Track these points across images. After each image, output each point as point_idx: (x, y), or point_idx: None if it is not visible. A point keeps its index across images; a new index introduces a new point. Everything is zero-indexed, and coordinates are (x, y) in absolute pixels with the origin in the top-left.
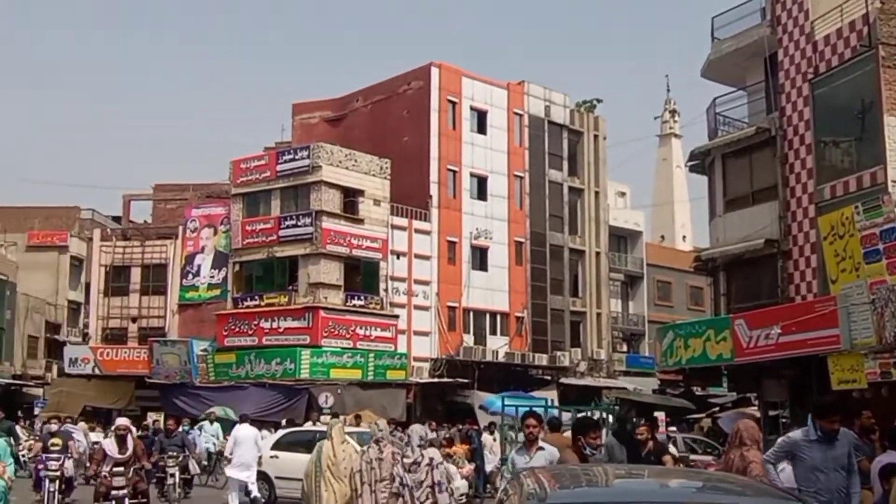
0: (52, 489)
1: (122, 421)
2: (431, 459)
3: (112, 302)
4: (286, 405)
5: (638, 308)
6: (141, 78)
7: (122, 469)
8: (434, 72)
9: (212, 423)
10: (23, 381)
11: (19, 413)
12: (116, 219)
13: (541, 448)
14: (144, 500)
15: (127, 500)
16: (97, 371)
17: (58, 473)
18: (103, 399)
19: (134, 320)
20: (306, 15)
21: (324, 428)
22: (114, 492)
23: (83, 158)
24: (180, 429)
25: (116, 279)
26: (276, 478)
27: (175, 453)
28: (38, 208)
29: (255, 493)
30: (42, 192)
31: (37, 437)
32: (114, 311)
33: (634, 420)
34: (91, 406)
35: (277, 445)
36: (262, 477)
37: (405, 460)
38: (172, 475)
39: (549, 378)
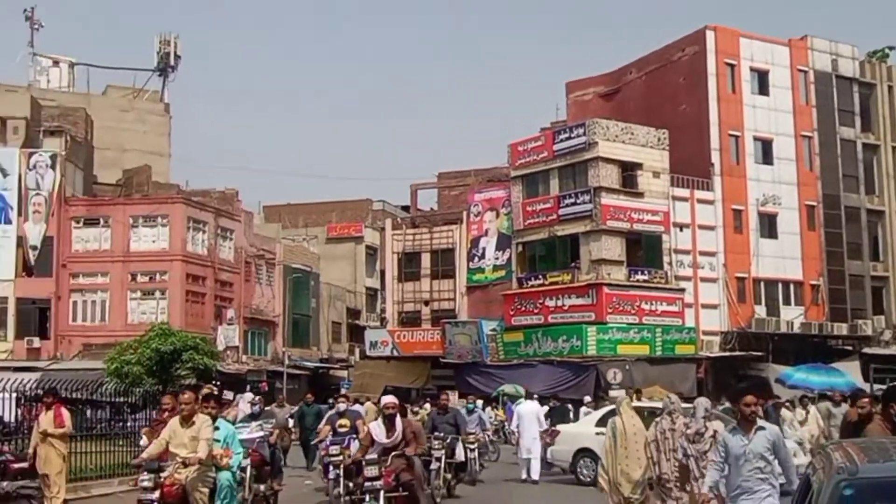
0: (332, 475)
1: (388, 399)
2: (715, 432)
3: (405, 287)
4: (574, 382)
5: None
6: (419, 69)
7: (374, 458)
8: (709, 35)
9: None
10: (329, 364)
11: (337, 396)
12: (405, 208)
13: (761, 428)
14: (405, 493)
15: (382, 494)
16: (395, 353)
17: (341, 458)
18: (402, 379)
19: (426, 303)
20: None
21: (652, 404)
22: (367, 483)
23: (372, 152)
24: (462, 406)
25: (408, 265)
26: None
27: (443, 434)
28: (334, 203)
29: (534, 473)
30: (337, 187)
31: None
32: (407, 295)
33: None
34: (392, 386)
35: (603, 422)
36: (589, 454)
37: (688, 431)
38: (438, 459)
39: (849, 348)
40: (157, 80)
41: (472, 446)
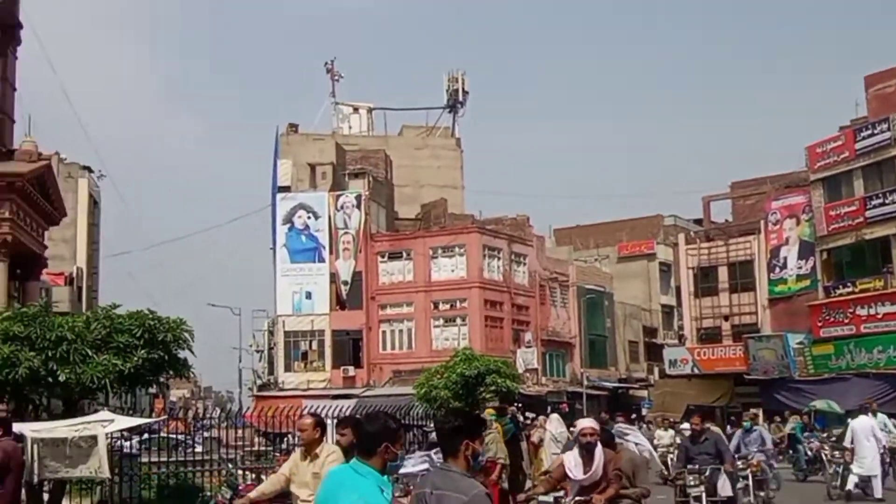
0: None
1: (586, 423)
2: None
3: (703, 302)
4: (894, 395)
5: None
6: (705, 74)
7: (548, 501)
8: None
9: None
10: (627, 383)
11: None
12: (697, 221)
13: None
14: None
15: None
16: (696, 370)
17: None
18: (704, 397)
19: (726, 318)
20: None
21: None
22: None
23: (660, 167)
24: (739, 428)
25: (704, 280)
26: None
27: (698, 466)
28: (623, 221)
29: (877, 492)
30: (626, 206)
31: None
32: (705, 310)
33: None
34: (694, 405)
35: None
36: None
37: None
38: (698, 499)
39: None
40: (448, 117)
41: (742, 473)
